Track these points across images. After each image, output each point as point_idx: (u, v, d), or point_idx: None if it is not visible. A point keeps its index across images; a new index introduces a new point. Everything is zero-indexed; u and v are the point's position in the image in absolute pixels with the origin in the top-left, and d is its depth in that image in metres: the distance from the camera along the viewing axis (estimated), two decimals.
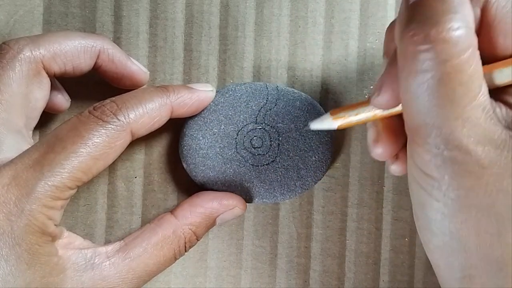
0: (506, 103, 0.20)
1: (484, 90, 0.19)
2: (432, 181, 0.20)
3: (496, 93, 0.21)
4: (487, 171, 0.19)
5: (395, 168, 0.25)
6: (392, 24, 0.24)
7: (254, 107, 0.29)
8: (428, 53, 0.19)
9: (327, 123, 0.25)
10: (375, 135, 0.24)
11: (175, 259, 0.28)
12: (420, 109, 0.20)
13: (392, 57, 0.22)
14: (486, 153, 0.19)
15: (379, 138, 0.24)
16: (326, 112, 0.30)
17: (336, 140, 0.31)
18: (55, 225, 0.24)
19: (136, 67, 0.29)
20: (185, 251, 0.28)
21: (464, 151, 0.19)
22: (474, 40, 0.19)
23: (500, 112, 0.20)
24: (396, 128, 0.24)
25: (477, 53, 0.19)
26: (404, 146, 0.24)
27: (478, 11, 0.20)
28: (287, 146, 0.29)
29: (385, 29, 0.24)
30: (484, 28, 0.20)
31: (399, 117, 0.23)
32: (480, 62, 0.19)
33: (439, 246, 0.21)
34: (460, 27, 0.19)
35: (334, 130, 0.28)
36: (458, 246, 0.20)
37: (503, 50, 0.20)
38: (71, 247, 0.25)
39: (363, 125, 0.31)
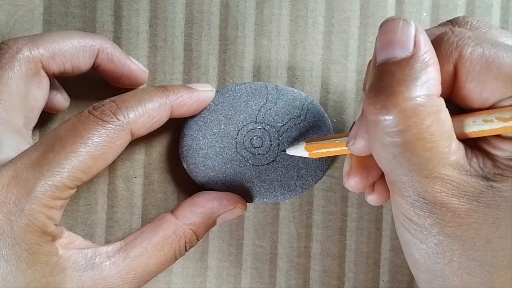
0: (483, 151, 0.20)
1: (455, 148, 0.19)
2: (414, 225, 0.20)
3: (471, 141, 0.20)
4: (466, 221, 0.19)
5: (371, 199, 0.25)
6: (370, 60, 0.23)
7: (254, 107, 0.29)
8: (387, 122, 0.19)
9: (301, 151, 0.27)
10: (348, 168, 0.25)
11: (176, 259, 0.28)
12: (390, 169, 0.20)
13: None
14: (461, 204, 0.19)
15: (351, 171, 0.24)
16: (326, 112, 0.30)
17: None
18: (55, 224, 0.24)
19: (135, 66, 0.29)
20: (186, 251, 0.28)
21: (440, 204, 0.19)
22: (436, 106, 0.19)
23: (477, 163, 0.20)
24: (368, 163, 0.24)
25: (443, 115, 0.19)
26: (379, 179, 0.25)
27: (451, 67, 0.20)
28: (287, 145, 0.29)
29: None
30: (458, 83, 0.20)
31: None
32: (447, 122, 0.19)
33: (426, 280, 0.22)
34: (417, 96, 0.19)
35: (332, 131, 0.29)
36: (444, 283, 0.21)
37: (479, 104, 0.20)
38: (72, 247, 0.25)
39: None
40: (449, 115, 0.19)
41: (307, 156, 0.28)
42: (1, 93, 0.25)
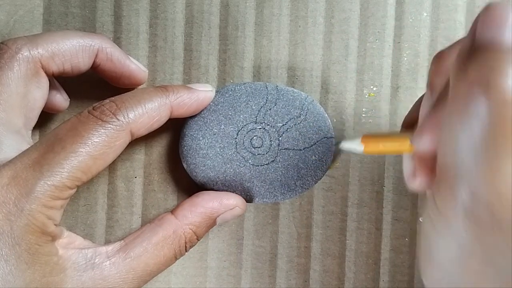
0: None
1: None
2: (445, 222, 0.20)
3: None
4: (505, 233, 0.18)
5: (420, 182, 0.24)
6: (440, 54, 0.22)
7: (254, 107, 0.29)
8: (483, 98, 0.18)
9: (356, 144, 0.26)
10: (412, 169, 0.24)
11: (176, 259, 0.28)
12: (457, 150, 0.19)
13: (439, 97, 0.21)
14: (507, 214, 0.18)
15: (417, 172, 0.23)
16: (326, 112, 0.30)
17: (337, 140, 0.31)
18: (55, 224, 0.24)
19: (134, 65, 0.29)
20: (186, 251, 0.28)
21: (489, 206, 0.18)
22: None
23: None
24: (431, 165, 0.23)
25: None
26: None
27: None
28: (287, 145, 0.29)
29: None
30: None
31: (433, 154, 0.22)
32: None
33: (438, 277, 0.21)
34: None
35: (332, 137, 0.29)
36: (450, 284, 0.20)
37: None
38: (71, 247, 0.25)
39: (359, 122, 0.31)
40: None
41: (361, 152, 0.26)
42: (1, 93, 0.25)
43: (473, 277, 0.19)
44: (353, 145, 0.26)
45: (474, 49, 0.19)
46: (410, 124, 0.25)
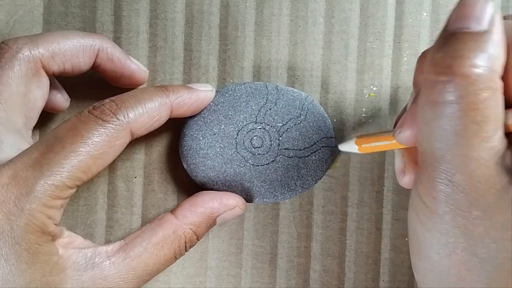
0: None
1: (500, 135, 0.19)
2: (427, 211, 0.20)
3: (508, 135, 0.20)
4: (481, 215, 0.19)
5: (407, 180, 0.25)
6: (424, 52, 0.23)
7: (254, 107, 0.29)
8: (446, 84, 0.19)
9: (351, 145, 0.27)
10: (402, 165, 0.25)
11: (176, 258, 0.28)
12: (431, 138, 0.20)
13: (418, 91, 0.22)
14: (486, 196, 0.19)
15: (406, 169, 0.24)
16: (326, 112, 0.30)
17: (337, 140, 0.31)
18: (55, 224, 0.24)
19: (135, 65, 0.29)
20: (186, 251, 0.28)
21: (463, 189, 0.19)
22: (496, 84, 0.19)
23: (510, 158, 0.19)
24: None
25: (499, 97, 0.19)
26: None
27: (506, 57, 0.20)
28: (287, 145, 0.29)
29: (417, 56, 0.24)
30: (509, 73, 0.20)
31: None
32: (501, 108, 0.19)
33: (423, 270, 0.22)
34: (482, 66, 0.19)
35: (332, 137, 0.30)
36: (439, 275, 0.21)
37: None
38: (72, 247, 0.25)
39: (359, 122, 0.31)
40: (503, 100, 0.19)
41: (357, 152, 0.27)
42: (1, 93, 0.25)
43: (459, 267, 0.20)
44: (349, 147, 0.28)
45: (444, 39, 0.20)
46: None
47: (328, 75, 0.31)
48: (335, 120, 0.31)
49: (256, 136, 0.29)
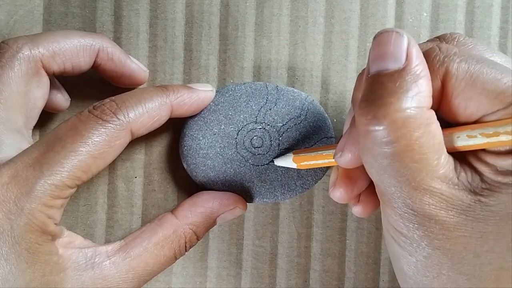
0: (470, 166, 0.20)
1: (444, 161, 0.19)
2: (404, 238, 0.20)
3: (461, 155, 0.21)
4: (454, 234, 0.19)
5: (356, 210, 0.25)
6: (362, 71, 0.24)
7: (254, 107, 0.29)
8: (377, 133, 0.19)
9: (289, 162, 0.28)
10: (334, 179, 0.25)
11: (176, 258, 0.28)
12: (380, 180, 0.20)
13: (353, 118, 0.22)
14: (450, 218, 0.19)
15: (337, 183, 0.24)
16: (326, 112, 0.30)
17: (337, 139, 0.31)
18: (55, 224, 0.24)
19: (135, 65, 0.29)
20: (186, 251, 0.28)
21: (428, 216, 0.19)
22: (426, 118, 0.19)
23: (465, 177, 0.20)
24: (353, 175, 0.24)
25: (433, 127, 0.19)
26: (364, 191, 0.25)
27: (439, 83, 0.20)
28: (287, 145, 0.29)
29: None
30: (445, 98, 0.21)
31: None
32: (438, 135, 0.20)
33: None
34: (408, 108, 0.19)
35: (332, 137, 0.30)
36: None
37: (465, 118, 0.20)
38: (72, 246, 0.25)
39: None
40: (440, 128, 0.20)
41: (295, 167, 0.28)
42: (2, 93, 0.25)
43: (448, 286, 0.20)
44: (287, 163, 0.28)
45: (368, 84, 0.20)
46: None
47: (328, 75, 0.31)
48: (335, 120, 0.31)
49: (256, 136, 0.29)
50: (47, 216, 0.23)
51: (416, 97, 0.19)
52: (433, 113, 0.20)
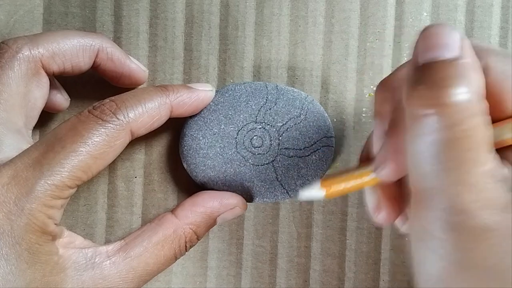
0: (509, 161, 0.20)
1: (493, 155, 0.19)
2: (436, 240, 0.20)
3: (501, 151, 0.20)
4: (492, 234, 0.19)
5: (381, 217, 0.25)
6: (384, 81, 0.23)
7: (254, 107, 0.29)
8: (435, 116, 0.19)
9: (316, 190, 0.25)
10: (375, 202, 0.24)
11: (176, 258, 0.28)
12: (425, 172, 0.20)
13: (391, 124, 0.22)
14: (491, 216, 0.19)
15: (382, 205, 0.24)
16: (326, 112, 0.30)
17: (337, 139, 0.31)
18: (55, 224, 0.24)
19: (135, 65, 0.29)
20: (186, 251, 0.28)
21: (470, 215, 0.19)
22: (482, 106, 0.19)
23: (507, 173, 0.19)
24: (395, 194, 0.24)
25: (486, 118, 0.19)
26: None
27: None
28: (287, 145, 0.29)
29: (376, 84, 0.24)
30: (488, 93, 0.20)
31: (396, 181, 0.23)
32: (489, 128, 0.19)
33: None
34: (467, 92, 0.19)
35: (332, 137, 0.29)
36: None
37: (505, 113, 0.20)
38: (72, 246, 0.25)
39: (359, 122, 0.31)
40: (491, 121, 0.19)
41: (323, 198, 0.25)
42: (1, 93, 0.25)
43: (478, 285, 0.19)
44: (313, 193, 0.25)
45: (420, 71, 0.20)
46: (368, 159, 0.25)
47: (328, 75, 0.31)
48: (335, 120, 0.31)
49: (256, 135, 0.29)
50: (47, 216, 0.23)
51: (473, 85, 0.19)
52: (487, 104, 0.19)
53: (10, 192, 0.22)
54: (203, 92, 0.28)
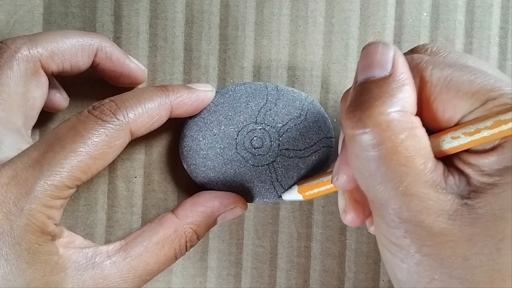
0: (457, 170, 0.20)
1: (431, 166, 0.20)
2: (394, 245, 0.21)
3: (448, 160, 0.21)
4: (442, 239, 0.19)
5: (373, 230, 0.25)
6: (345, 93, 0.24)
7: (254, 107, 0.29)
8: (363, 136, 0.20)
9: (294, 194, 0.29)
10: (343, 204, 0.25)
11: (176, 258, 0.28)
12: (368, 187, 0.21)
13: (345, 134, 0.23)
14: (437, 223, 0.19)
15: (347, 208, 0.25)
16: (326, 112, 0.30)
17: (337, 140, 0.31)
18: (55, 224, 0.24)
19: (134, 64, 0.29)
20: (186, 250, 0.28)
21: (415, 223, 0.19)
22: (410, 123, 0.20)
23: (453, 180, 0.20)
24: (361, 197, 0.24)
25: (419, 131, 0.20)
26: None
27: (417, 89, 0.21)
28: (287, 146, 0.29)
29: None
30: (424, 105, 0.21)
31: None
32: (423, 139, 0.20)
33: None
34: (392, 111, 0.19)
35: (332, 137, 0.30)
36: None
37: (445, 123, 0.21)
38: (72, 246, 0.25)
39: None
40: (425, 133, 0.20)
41: (302, 199, 0.29)
42: (0, 93, 0.25)
43: None
44: (293, 196, 0.29)
45: (355, 91, 0.21)
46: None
47: (328, 75, 0.31)
48: (335, 120, 0.31)
49: (256, 136, 0.29)
50: (46, 217, 0.23)
51: (401, 102, 0.20)
52: (418, 119, 0.20)
53: (9, 192, 0.22)
54: (203, 93, 0.28)
